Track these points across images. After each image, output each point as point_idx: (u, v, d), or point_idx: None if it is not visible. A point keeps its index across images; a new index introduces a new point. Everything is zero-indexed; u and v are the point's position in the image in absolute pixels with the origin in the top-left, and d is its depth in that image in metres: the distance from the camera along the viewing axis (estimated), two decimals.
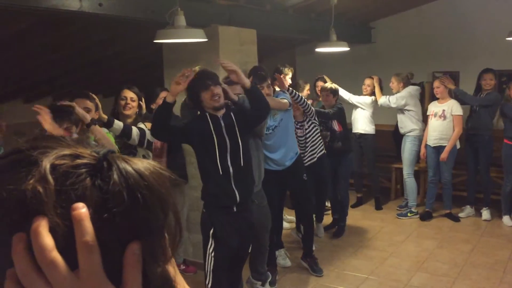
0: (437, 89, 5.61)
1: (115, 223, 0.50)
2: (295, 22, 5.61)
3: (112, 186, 0.51)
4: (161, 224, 0.54)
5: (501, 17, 5.96)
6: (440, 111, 5.56)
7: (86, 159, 0.53)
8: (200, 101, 3.00)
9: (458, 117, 5.48)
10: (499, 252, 4.76)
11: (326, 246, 5.04)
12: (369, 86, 5.98)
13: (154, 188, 0.54)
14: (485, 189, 5.78)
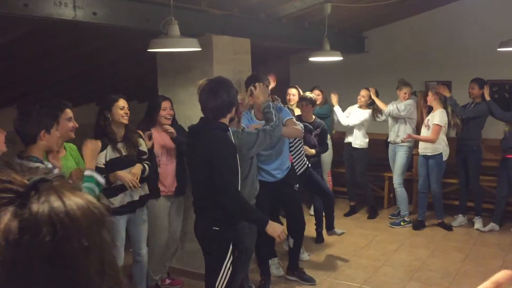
0: (427, 97, 5.66)
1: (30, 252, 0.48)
2: (289, 31, 5.64)
3: (30, 216, 0.50)
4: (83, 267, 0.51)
5: (492, 28, 6.03)
6: (426, 120, 5.61)
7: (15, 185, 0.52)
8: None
9: (436, 126, 5.48)
10: (492, 261, 4.78)
11: (320, 255, 5.04)
12: (364, 97, 5.99)
13: (78, 225, 0.51)
14: (476, 198, 5.82)
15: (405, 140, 5.69)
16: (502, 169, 5.55)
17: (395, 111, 5.80)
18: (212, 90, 2.83)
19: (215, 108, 2.83)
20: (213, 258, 2.93)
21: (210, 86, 2.85)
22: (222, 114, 2.88)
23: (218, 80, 2.94)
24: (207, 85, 2.87)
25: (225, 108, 2.86)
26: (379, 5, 5.21)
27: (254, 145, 3.14)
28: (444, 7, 6.57)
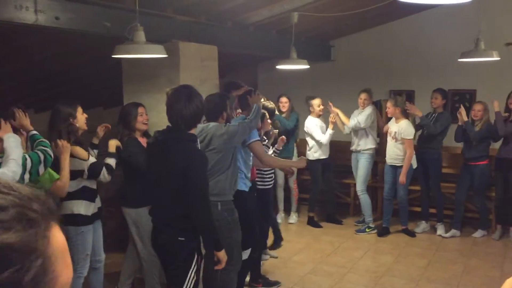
0: (388, 109, 5.76)
1: None
2: (256, 39, 5.66)
3: None
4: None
5: (453, 39, 6.20)
6: (393, 132, 5.71)
7: None
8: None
9: (408, 141, 5.60)
10: (453, 266, 4.89)
11: (286, 263, 5.05)
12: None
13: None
14: (438, 205, 5.96)
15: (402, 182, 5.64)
16: (463, 176, 5.71)
17: (357, 125, 5.90)
18: (188, 98, 2.79)
19: (189, 117, 2.79)
20: (179, 269, 2.89)
21: (185, 94, 2.81)
22: (194, 123, 2.87)
23: (190, 88, 2.89)
24: (181, 93, 2.82)
25: (198, 116, 2.87)
26: (344, 15, 5.29)
27: (237, 134, 3.42)
28: (408, 18, 6.73)
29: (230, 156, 3.46)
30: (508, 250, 5.33)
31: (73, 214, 3.39)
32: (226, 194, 3.45)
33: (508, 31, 6.15)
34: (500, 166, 5.60)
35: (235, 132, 3.42)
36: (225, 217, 3.41)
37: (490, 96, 5.88)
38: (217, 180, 3.38)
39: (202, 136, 3.37)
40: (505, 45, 6.14)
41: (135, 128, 3.88)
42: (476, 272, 4.74)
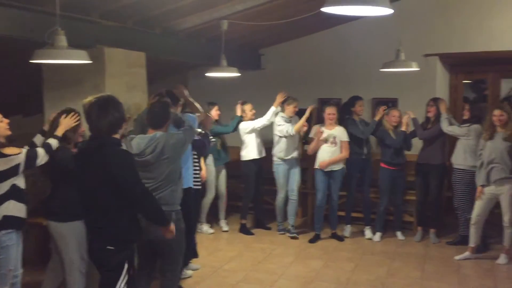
0: (332, 116, 5.81)
1: None
2: (186, 46, 5.62)
3: None
4: None
5: (376, 50, 6.47)
6: (332, 137, 5.84)
7: None
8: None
9: (346, 143, 5.79)
10: (379, 268, 5.07)
11: (217, 272, 5.00)
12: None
13: None
14: (365, 209, 6.18)
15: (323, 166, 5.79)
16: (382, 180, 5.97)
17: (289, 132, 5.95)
18: (102, 109, 2.78)
19: (107, 126, 2.79)
20: (107, 278, 2.91)
21: (99, 104, 2.79)
22: (114, 130, 2.86)
23: (103, 99, 2.86)
24: (95, 104, 2.78)
25: (117, 125, 2.85)
26: (273, 24, 5.38)
27: (186, 141, 3.55)
28: (334, 29, 6.96)
29: (179, 164, 3.55)
30: (428, 251, 5.61)
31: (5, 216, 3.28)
32: (177, 204, 3.54)
33: (427, 43, 6.52)
34: (420, 171, 5.90)
35: (184, 139, 3.52)
36: (178, 225, 3.44)
37: (410, 105, 6.20)
38: (172, 189, 3.46)
39: (152, 146, 3.39)
40: (424, 56, 6.50)
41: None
42: (399, 273, 4.94)
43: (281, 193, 6.18)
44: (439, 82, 6.70)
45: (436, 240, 5.88)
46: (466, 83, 7.55)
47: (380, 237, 6.01)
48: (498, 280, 4.75)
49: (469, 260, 5.24)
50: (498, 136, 5.02)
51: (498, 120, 5.00)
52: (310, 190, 6.69)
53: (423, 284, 4.66)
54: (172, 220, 3.26)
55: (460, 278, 4.80)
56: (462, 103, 6.80)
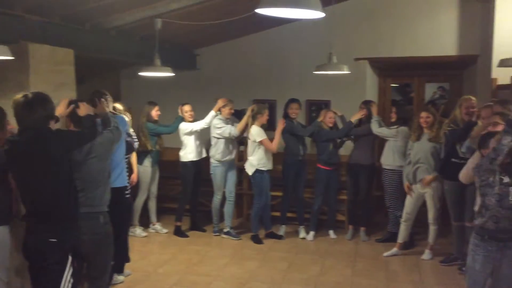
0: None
1: None
2: (118, 44, 5.46)
3: None
4: None
5: (310, 53, 6.60)
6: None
7: None
8: None
9: (264, 140, 5.76)
10: (312, 267, 5.17)
11: (150, 276, 4.89)
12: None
13: None
14: (300, 209, 6.28)
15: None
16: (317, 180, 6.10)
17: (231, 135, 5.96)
18: (28, 107, 2.80)
19: (33, 123, 2.81)
20: (52, 273, 2.85)
21: (26, 102, 2.80)
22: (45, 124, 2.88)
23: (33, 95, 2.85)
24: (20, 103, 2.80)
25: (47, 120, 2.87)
26: (208, 24, 5.34)
27: (114, 140, 3.45)
28: (269, 30, 7.03)
29: (108, 164, 3.48)
30: (359, 249, 5.80)
31: None
32: (105, 205, 3.43)
33: (357, 47, 6.73)
34: (351, 171, 6.08)
35: (112, 138, 3.44)
36: (106, 230, 3.37)
37: (343, 107, 6.38)
38: (100, 190, 3.37)
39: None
40: (355, 60, 6.72)
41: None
42: (331, 271, 5.06)
43: (218, 194, 6.15)
44: (369, 85, 6.95)
45: (366, 238, 6.08)
46: (394, 87, 7.90)
47: (313, 236, 6.13)
48: (423, 274, 4.98)
49: (396, 257, 5.46)
50: (424, 137, 5.28)
51: (425, 122, 5.25)
52: (246, 191, 6.72)
53: (353, 281, 4.80)
54: (99, 223, 3.15)
55: (388, 274, 4.99)
56: (390, 105, 7.11)
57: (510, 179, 3.12)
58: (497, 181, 3.13)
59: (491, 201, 3.15)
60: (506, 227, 3.13)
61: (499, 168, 3.11)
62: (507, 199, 3.12)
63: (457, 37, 6.41)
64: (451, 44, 6.43)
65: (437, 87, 8.97)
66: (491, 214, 3.13)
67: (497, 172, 3.13)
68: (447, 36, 6.44)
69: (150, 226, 6.32)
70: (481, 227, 3.21)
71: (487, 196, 3.18)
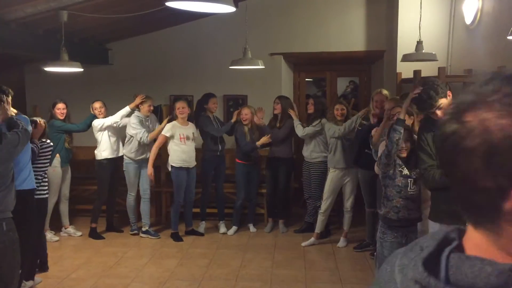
0: (182, 110, 5.77)
1: None
2: (19, 37, 5.10)
3: None
4: None
5: (226, 47, 6.60)
6: (191, 134, 5.80)
7: None
8: None
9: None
10: (233, 262, 5.18)
11: (63, 282, 4.65)
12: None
13: None
14: (220, 204, 6.27)
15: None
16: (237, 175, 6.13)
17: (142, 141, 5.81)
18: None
19: None
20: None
21: None
22: None
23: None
24: None
25: None
26: (118, 18, 5.15)
27: (18, 144, 3.20)
28: (186, 25, 6.92)
29: (11, 167, 3.22)
30: (277, 241, 5.90)
31: None
32: (9, 210, 3.18)
33: (272, 42, 6.83)
34: (270, 165, 6.16)
35: (18, 140, 3.20)
36: (10, 237, 3.13)
37: (259, 101, 6.44)
38: (3, 194, 3.11)
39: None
40: (270, 55, 6.81)
41: None
42: (251, 264, 5.11)
43: (132, 192, 5.98)
44: (284, 80, 7.09)
45: (285, 230, 6.21)
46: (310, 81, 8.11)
47: (234, 231, 6.16)
48: (338, 261, 5.18)
49: (314, 246, 5.64)
50: None
51: (340, 114, 5.47)
52: (164, 188, 6.59)
53: (273, 272, 4.88)
54: (2, 231, 2.94)
55: (307, 263, 5.14)
56: (304, 99, 7.30)
57: (409, 171, 3.35)
58: (397, 173, 3.35)
59: (392, 192, 3.37)
60: (406, 217, 3.36)
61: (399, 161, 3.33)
62: (406, 189, 3.35)
63: (365, 34, 6.72)
64: (359, 40, 6.73)
65: (349, 81, 9.37)
66: (392, 205, 3.34)
67: (397, 165, 3.34)
68: (356, 33, 6.72)
69: (62, 229, 6.01)
70: (384, 216, 3.41)
71: (388, 188, 3.39)
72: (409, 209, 3.35)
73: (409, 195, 3.35)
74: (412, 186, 3.36)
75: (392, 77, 6.12)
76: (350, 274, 4.82)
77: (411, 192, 3.36)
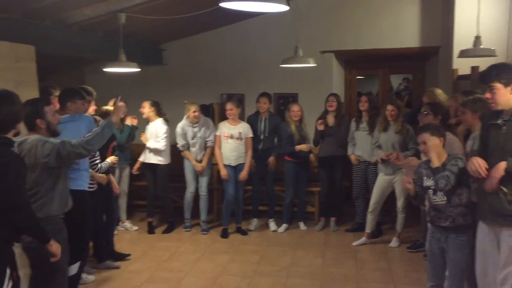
0: (230, 111, 5.89)
1: None
2: (81, 39, 5.35)
3: None
4: None
5: (277, 46, 6.63)
6: (237, 133, 5.89)
7: None
8: None
9: (250, 139, 5.95)
10: (283, 259, 5.22)
11: (121, 273, 4.84)
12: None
13: None
14: (270, 202, 6.32)
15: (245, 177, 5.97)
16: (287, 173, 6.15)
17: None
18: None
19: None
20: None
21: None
22: (6, 128, 2.66)
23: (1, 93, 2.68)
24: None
25: (9, 121, 2.66)
26: (173, 19, 5.30)
27: (50, 154, 3.03)
28: (236, 25, 7.02)
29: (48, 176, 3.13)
30: (328, 239, 5.88)
31: None
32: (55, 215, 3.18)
33: (323, 40, 6.80)
34: (324, 163, 6.12)
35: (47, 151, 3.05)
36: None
37: (310, 99, 6.44)
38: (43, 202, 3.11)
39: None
40: (321, 53, 6.78)
41: None
42: (302, 262, 5.12)
43: (189, 189, 6.15)
44: (335, 77, 7.04)
45: (336, 228, 6.17)
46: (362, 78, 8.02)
47: (285, 229, 6.18)
48: (391, 261, 5.10)
49: (365, 245, 5.57)
50: (391, 129, 5.38)
51: (390, 115, 5.36)
52: (215, 185, 6.70)
53: (324, 271, 4.87)
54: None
55: (358, 262, 5.09)
56: (356, 97, 7.23)
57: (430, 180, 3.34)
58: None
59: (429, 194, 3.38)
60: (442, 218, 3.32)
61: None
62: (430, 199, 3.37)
63: (419, 29, 6.55)
64: (413, 36, 6.57)
65: (402, 79, 9.17)
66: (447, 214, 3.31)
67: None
68: (410, 28, 6.57)
69: (120, 224, 6.24)
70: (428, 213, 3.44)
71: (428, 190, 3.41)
72: (439, 218, 3.33)
73: (433, 205, 3.35)
74: (433, 196, 3.32)
75: (447, 74, 5.94)
76: (403, 275, 4.74)
77: (434, 202, 3.32)
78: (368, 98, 5.88)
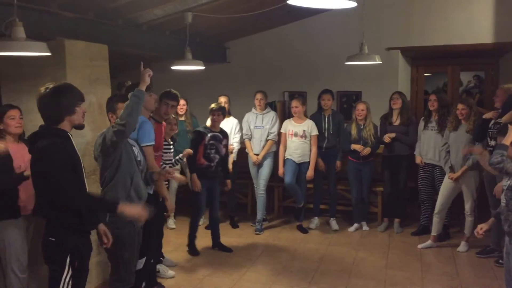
0: (295, 109, 5.89)
1: None
2: (149, 39, 5.52)
3: None
4: None
5: (340, 43, 6.54)
6: (301, 131, 5.88)
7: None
8: None
9: (315, 137, 5.91)
10: (345, 259, 5.15)
11: (185, 266, 4.97)
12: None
13: None
14: (332, 201, 6.25)
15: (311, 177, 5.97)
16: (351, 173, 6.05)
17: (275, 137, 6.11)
18: (48, 96, 2.71)
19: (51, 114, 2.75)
20: (52, 271, 2.78)
21: (47, 92, 2.73)
22: (57, 120, 2.75)
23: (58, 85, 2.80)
24: (46, 92, 2.72)
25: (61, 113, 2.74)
26: (238, 17, 5.35)
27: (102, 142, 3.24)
28: (299, 22, 6.99)
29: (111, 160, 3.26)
30: (392, 241, 5.74)
31: None
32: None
33: (389, 37, 6.62)
34: (388, 163, 5.98)
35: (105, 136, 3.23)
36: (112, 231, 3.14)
37: (374, 97, 6.31)
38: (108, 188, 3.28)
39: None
40: (386, 49, 6.62)
41: (6, 132, 3.63)
42: (364, 263, 5.04)
43: (256, 185, 6.21)
44: (401, 75, 6.84)
45: (400, 230, 6.01)
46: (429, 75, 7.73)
47: (356, 229, 6.10)
48: (459, 267, 4.90)
49: (431, 249, 5.39)
50: (462, 128, 5.17)
51: (461, 114, 5.15)
52: (276, 183, 6.71)
53: (387, 273, 4.75)
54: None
55: (423, 266, 4.93)
56: (423, 95, 7.00)
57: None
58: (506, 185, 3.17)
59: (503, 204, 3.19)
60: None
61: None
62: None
63: (493, 24, 6.22)
64: (486, 31, 6.25)
65: (472, 76, 8.76)
66: (505, 217, 3.14)
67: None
68: (482, 23, 6.26)
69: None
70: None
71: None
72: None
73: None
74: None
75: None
76: (472, 281, 4.54)
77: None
78: (437, 96, 5.66)
